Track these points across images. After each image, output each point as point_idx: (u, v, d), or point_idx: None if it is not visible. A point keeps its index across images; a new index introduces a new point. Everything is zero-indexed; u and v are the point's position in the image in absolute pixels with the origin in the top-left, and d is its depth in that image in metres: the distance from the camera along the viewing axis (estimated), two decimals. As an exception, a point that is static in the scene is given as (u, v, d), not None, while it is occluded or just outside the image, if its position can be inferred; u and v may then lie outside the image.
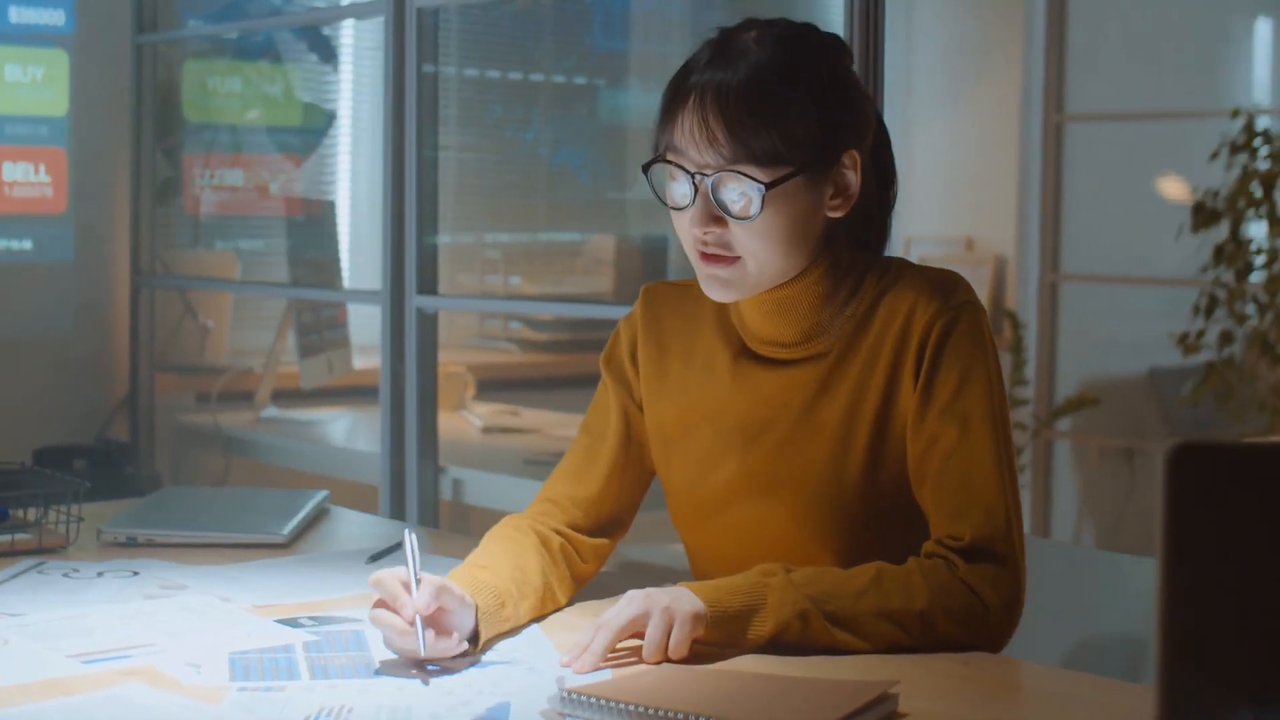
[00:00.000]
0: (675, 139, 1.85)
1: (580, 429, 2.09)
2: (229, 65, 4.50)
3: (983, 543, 1.79)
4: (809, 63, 1.84)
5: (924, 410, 1.85)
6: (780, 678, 1.61)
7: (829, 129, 1.84)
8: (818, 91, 1.84)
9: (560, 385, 5.19)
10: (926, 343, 1.86)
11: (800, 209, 1.85)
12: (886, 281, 1.92)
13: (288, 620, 1.89)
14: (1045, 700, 1.63)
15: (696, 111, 1.82)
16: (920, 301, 1.87)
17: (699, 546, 2.03)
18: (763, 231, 1.84)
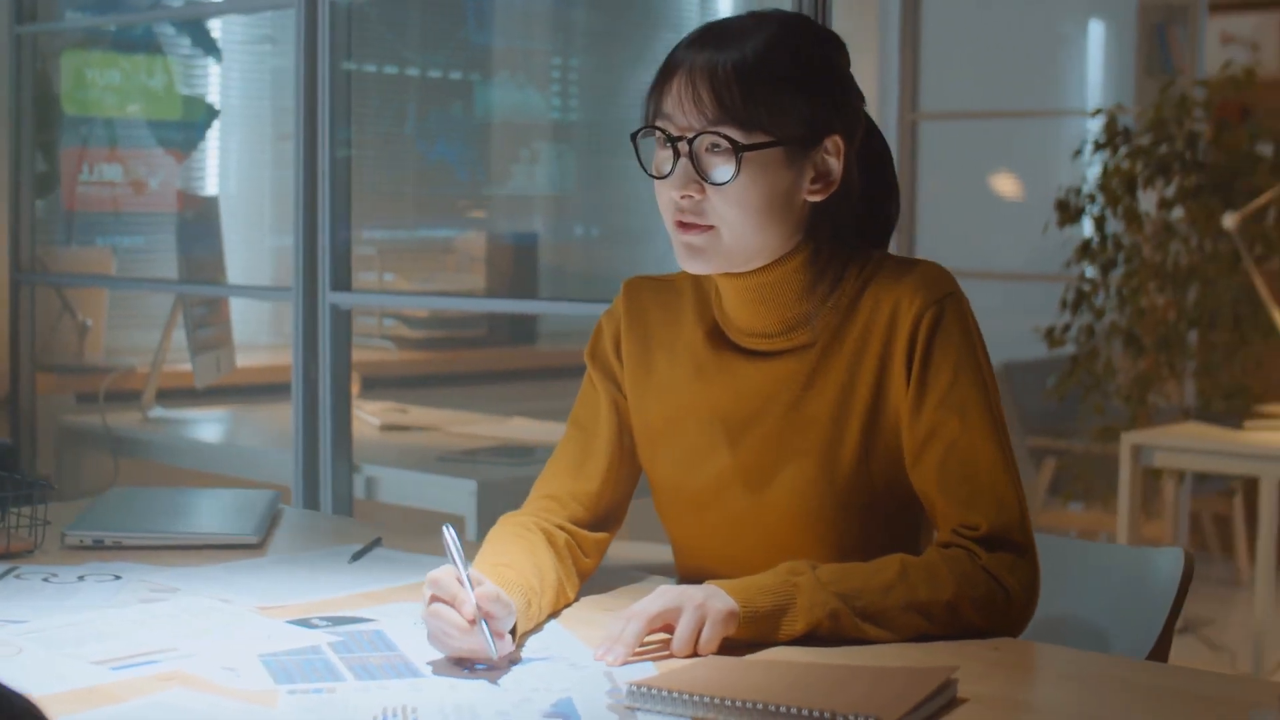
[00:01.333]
0: (664, 106, 1.88)
1: (570, 423, 2.09)
2: (108, 57, 4.39)
3: (1000, 531, 1.83)
4: (802, 46, 1.89)
5: (920, 402, 1.88)
6: (838, 666, 1.63)
7: (815, 110, 1.88)
8: (808, 73, 1.88)
9: (437, 382, 5.16)
10: (917, 335, 1.89)
11: (778, 184, 1.87)
12: (868, 273, 1.95)
13: (299, 621, 1.85)
14: (1089, 682, 1.67)
15: (686, 77, 1.86)
16: (906, 293, 1.90)
17: (686, 540, 2.04)
18: (738, 199, 1.86)
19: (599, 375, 2.07)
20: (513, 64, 5.61)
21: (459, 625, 1.65)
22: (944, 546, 1.84)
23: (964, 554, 1.82)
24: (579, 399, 2.09)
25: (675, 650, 1.69)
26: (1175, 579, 2.13)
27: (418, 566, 2.13)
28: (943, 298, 1.89)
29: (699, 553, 2.02)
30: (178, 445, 4.09)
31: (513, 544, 1.91)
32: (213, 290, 4.20)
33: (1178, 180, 5.31)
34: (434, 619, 1.67)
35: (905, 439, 1.90)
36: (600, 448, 2.04)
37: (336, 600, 1.96)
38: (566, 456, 2.06)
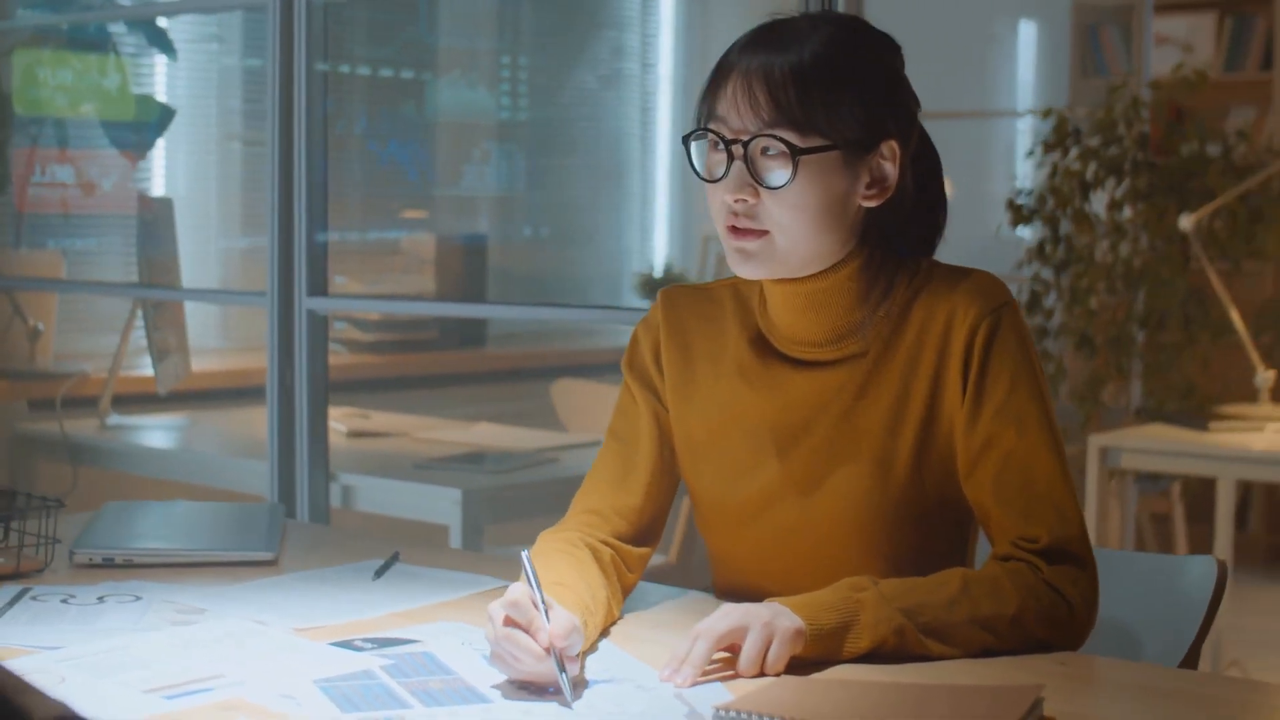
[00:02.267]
0: (718, 108, 1.85)
1: (608, 436, 2.04)
2: (59, 56, 4.28)
3: (1060, 544, 1.81)
4: (861, 49, 1.86)
5: (976, 412, 1.86)
6: (917, 686, 1.59)
7: (872, 114, 1.84)
8: (866, 77, 1.85)
9: (390, 386, 5.08)
10: (973, 344, 1.86)
11: (834, 189, 1.84)
12: (919, 281, 1.92)
13: (342, 643, 1.80)
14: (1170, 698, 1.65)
15: (744, 80, 1.82)
16: (961, 303, 1.88)
17: (729, 554, 2.00)
18: (794, 203, 1.82)
19: (638, 387, 2.02)
20: (463, 63, 5.55)
21: (534, 653, 1.60)
22: (1004, 559, 1.82)
23: (1026, 567, 1.79)
24: (617, 411, 2.05)
25: (741, 670, 1.65)
26: (1209, 588, 2.11)
27: (443, 583, 2.08)
28: (999, 307, 1.87)
29: (743, 567, 1.99)
30: (142, 453, 3.99)
31: (561, 561, 1.86)
32: (184, 296, 4.11)
33: (1129, 181, 5.33)
34: (507, 643, 1.62)
35: (960, 449, 1.87)
36: (642, 461, 2.00)
37: (373, 621, 1.90)
38: (607, 470, 2.01)
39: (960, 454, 1.87)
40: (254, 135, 5.29)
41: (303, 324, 3.30)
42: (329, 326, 3.39)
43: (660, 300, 2.05)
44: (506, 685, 1.64)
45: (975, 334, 1.86)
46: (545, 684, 1.63)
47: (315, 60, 3.29)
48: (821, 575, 1.88)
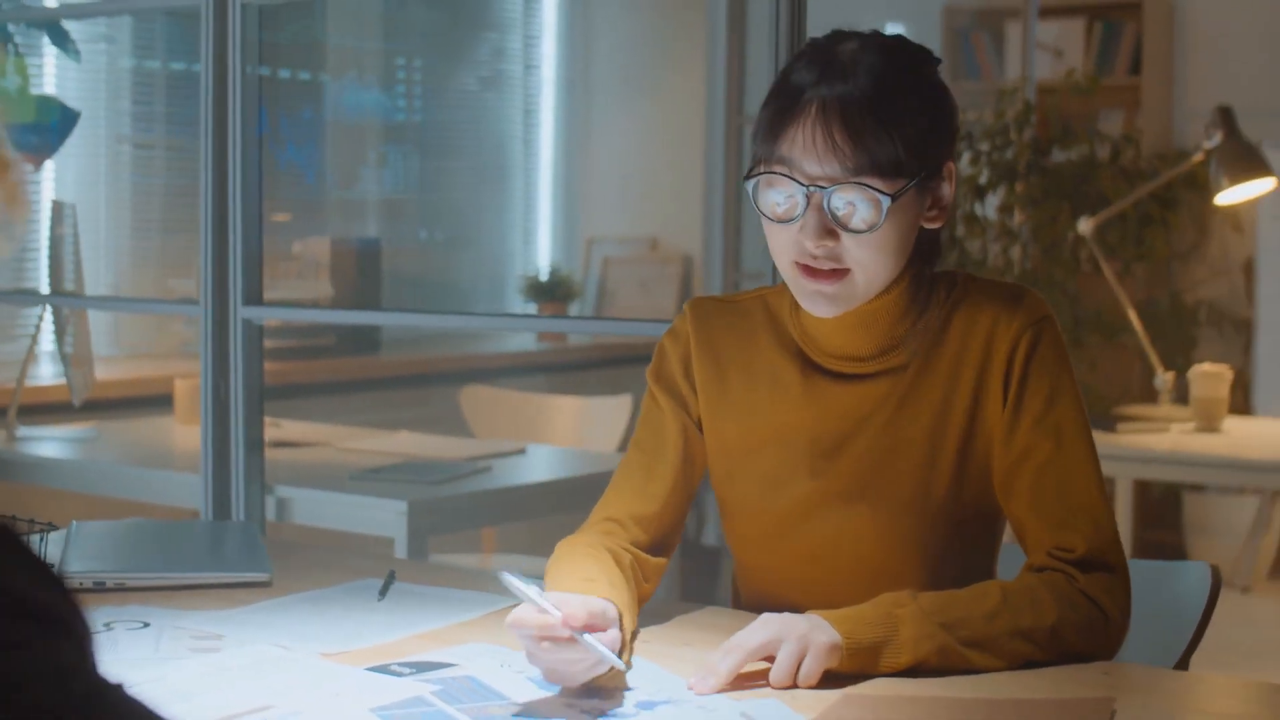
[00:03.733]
0: (786, 151, 1.81)
1: (632, 445, 2.02)
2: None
3: (1096, 554, 1.82)
4: (918, 72, 1.85)
5: (1015, 423, 1.87)
6: (991, 700, 1.60)
7: (937, 138, 1.84)
8: (929, 100, 1.84)
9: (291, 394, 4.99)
10: (1015, 357, 1.88)
11: (910, 220, 1.85)
12: (957, 294, 1.93)
13: (378, 668, 1.76)
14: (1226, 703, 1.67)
15: (818, 123, 1.79)
16: (1002, 316, 1.89)
17: (762, 565, 1.99)
18: (879, 244, 1.82)
19: (666, 398, 2.01)
20: (359, 64, 5.47)
21: (573, 658, 1.58)
22: (1039, 570, 1.83)
23: (1062, 578, 1.81)
24: (641, 421, 2.03)
25: (774, 682, 1.65)
26: (1204, 593, 2.15)
27: (452, 602, 2.05)
28: (1039, 320, 1.88)
29: (776, 579, 1.98)
30: (59, 466, 3.87)
31: (587, 561, 1.84)
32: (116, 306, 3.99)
33: (1022, 185, 5.42)
34: (542, 655, 1.60)
35: (997, 460, 1.88)
36: (664, 471, 1.98)
37: (398, 644, 1.86)
38: (630, 480, 1.99)
39: (997, 464, 1.88)
40: (143, 138, 5.18)
41: (238, 333, 3.23)
42: (261, 334, 3.31)
43: (689, 312, 2.03)
44: (566, 709, 1.61)
45: (1017, 346, 1.87)
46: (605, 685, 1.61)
47: (249, 64, 3.22)
48: (860, 586, 1.88)
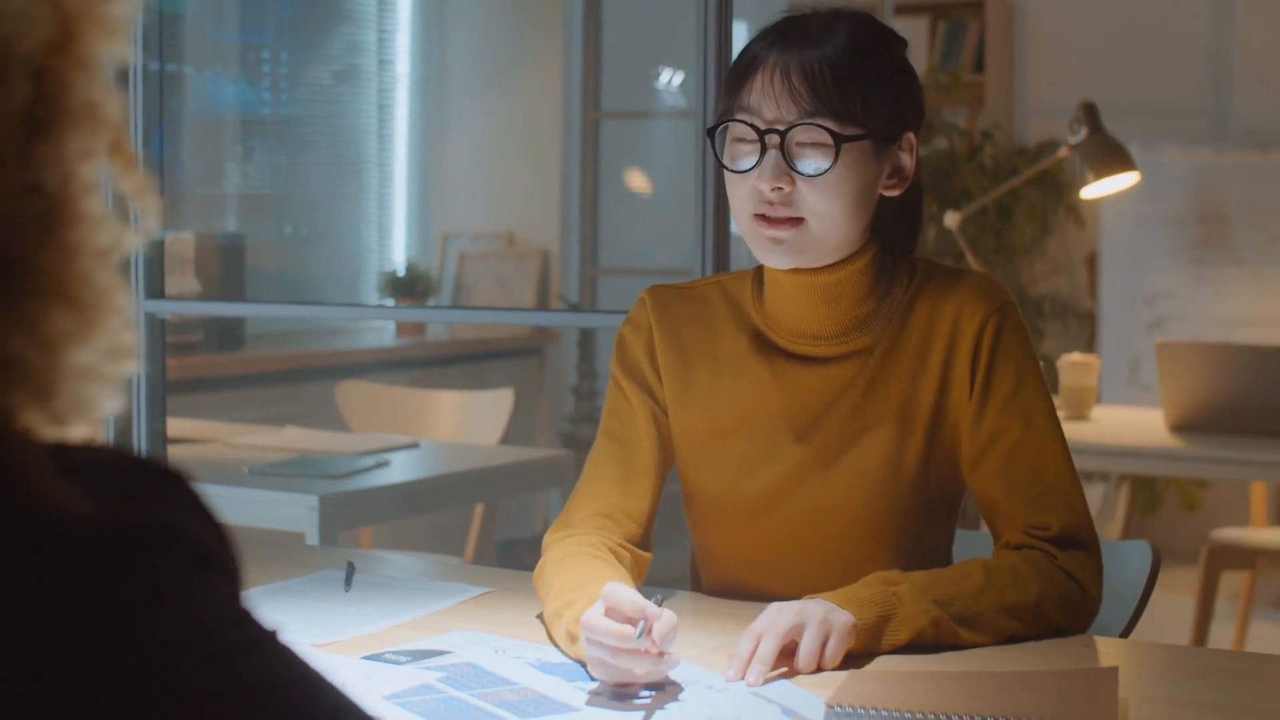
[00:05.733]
0: (748, 99, 1.88)
1: (603, 437, 2.03)
2: None
3: (1070, 531, 1.88)
4: (884, 44, 1.91)
5: (983, 407, 1.92)
6: (1001, 674, 1.64)
7: (897, 105, 1.90)
8: (891, 68, 1.90)
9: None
10: (981, 341, 1.92)
11: (865, 177, 1.89)
12: (920, 279, 1.97)
13: (374, 656, 1.75)
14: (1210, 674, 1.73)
15: (777, 71, 1.86)
16: (968, 301, 1.94)
17: (728, 551, 2.01)
18: (832, 190, 1.86)
19: (633, 388, 2.02)
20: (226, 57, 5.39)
21: (627, 638, 1.58)
22: (1016, 548, 1.88)
23: (1041, 555, 1.86)
24: (609, 412, 2.03)
25: (801, 665, 1.67)
26: (1144, 571, 2.22)
27: (421, 592, 2.04)
28: (1003, 305, 1.93)
29: (741, 563, 2.00)
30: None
31: (600, 567, 1.84)
32: None
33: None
34: (600, 635, 1.59)
35: (966, 443, 1.93)
36: (644, 463, 1.99)
37: (384, 633, 1.85)
38: (610, 472, 1.99)
39: (966, 447, 1.93)
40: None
41: (140, 327, 3.17)
42: (163, 329, 3.26)
43: (647, 300, 2.05)
44: (583, 694, 1.62)
45: (983, 331, 1.92)
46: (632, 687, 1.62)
47: (151, 59, 3.17)
48: (827, 570, 1.92)
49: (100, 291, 0.79)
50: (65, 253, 0.78)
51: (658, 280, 2.10)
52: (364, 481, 3.33)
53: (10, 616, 0.71)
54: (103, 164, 0.81)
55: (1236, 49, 6.34)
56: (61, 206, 0.79)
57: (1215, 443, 4.12)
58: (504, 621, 1.90)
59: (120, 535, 0.75)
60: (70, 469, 0.75)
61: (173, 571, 0.76)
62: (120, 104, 0.81)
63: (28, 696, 0.71)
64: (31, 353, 0.77)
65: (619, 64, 6.64)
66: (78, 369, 0.78)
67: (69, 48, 0.79)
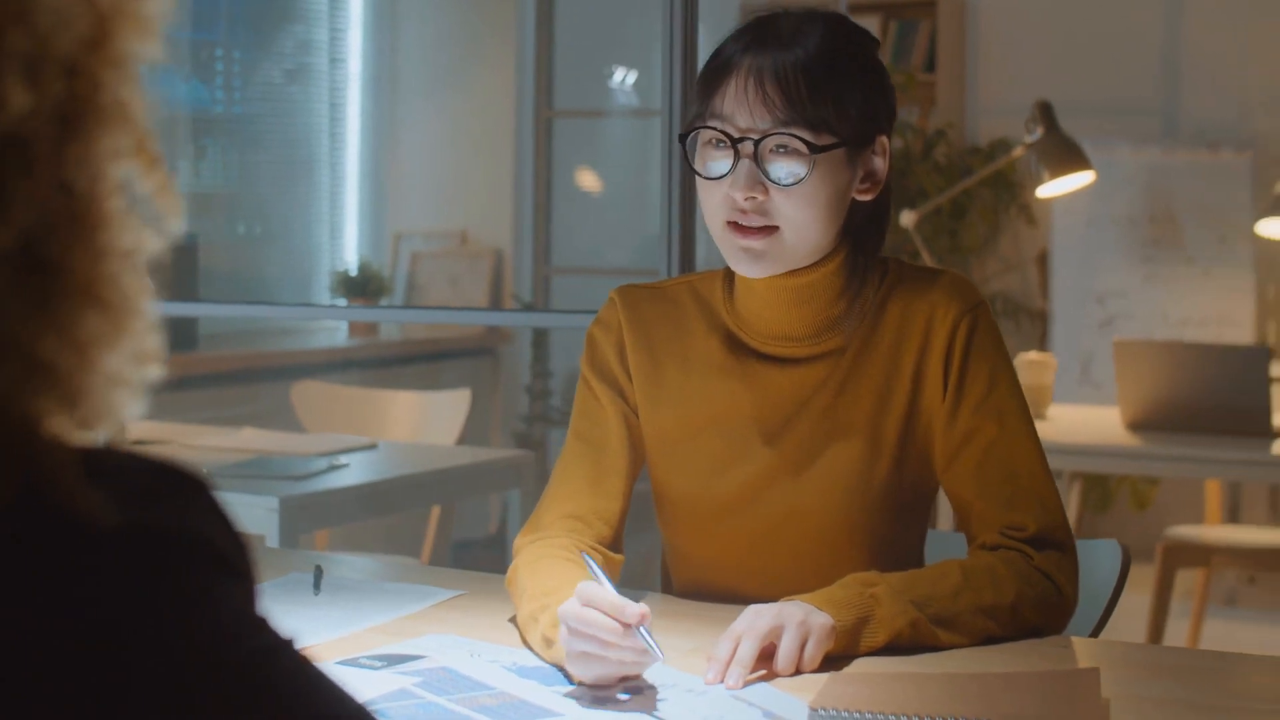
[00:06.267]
0: (720, 106, 1.86)
1: (573, 438, 2.01)
2: None
3: (1046, 532, 1.87)
4: (857, 45, 1.90)
5: (957, 407, 1.91)
6: (983, 675, 1.63)
7: (870, 109, 1.89)
8: (864, 72, 1.89)
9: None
10: (954, 342, 1.92)
11: (839, 184, 1.88)
12: (891, 279, 1.97)
13: (348, 662, 1.73)
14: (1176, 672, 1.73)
15: (751, 76, 1.83)
16: (941, 301, 1.93)
17: (701, 552, 2.00)
18: (807, 199, 1.85)
19: (603, 388, 2.00)
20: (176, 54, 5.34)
21: (616, 629, 1.56)
22: (991, 548, 1.87)
23: (1018, 555, 1.85)
24: (579, 412, 2.02)
25: (780, 668, 1.66)
26: (1114, 570, 2.22)
27: (393, 595, 2.02)
28: (975, 306, 1.93)
29: (713, 565, 1.99)
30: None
31: (572, 570, 1.82)
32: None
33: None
34: (591, 627, 1.57)
35: (939, 443, 1.92)
36: (616, 464, 1.98)
37: (357, 637, 1.83)
38: (580, 473, 1.98)
39: (939, 447, 1.92)
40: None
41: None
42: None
43: (617, 300, 2.03)
44: (562, 699, 1.61)
45: (956, 331, 1.91)
46: (613, 685, 1.60)
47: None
48: (800, 571, 1.91)
49: (127, 294, 0.78)
50: (95, 255, 0.77)
51: (610, 279, 2.09)
52: (324, 483, 3.30)
53: (39, 620, 0.72)
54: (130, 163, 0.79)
55: (1187, 48, 6.38)
56: (91, 207, 0.77)
57: (1171, 441, 4.14)
58: (478, 625, 1.88)
59: (146, 540, 0.75)
60: (96, 474, 0.75)
61: (197, 576, 0.76)
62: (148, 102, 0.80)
63: (54, 698, 0.71)
64: (63, 357, 0.76)
65: (572, 62, 6.63)
66: (107, 373, 0.77)
67: (103, 46, 0.77)
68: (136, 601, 0.74)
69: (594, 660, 1.58)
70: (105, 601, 0.73)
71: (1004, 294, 6.40)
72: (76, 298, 0.76)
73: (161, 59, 0.79)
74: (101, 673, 0.72)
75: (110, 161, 0.78)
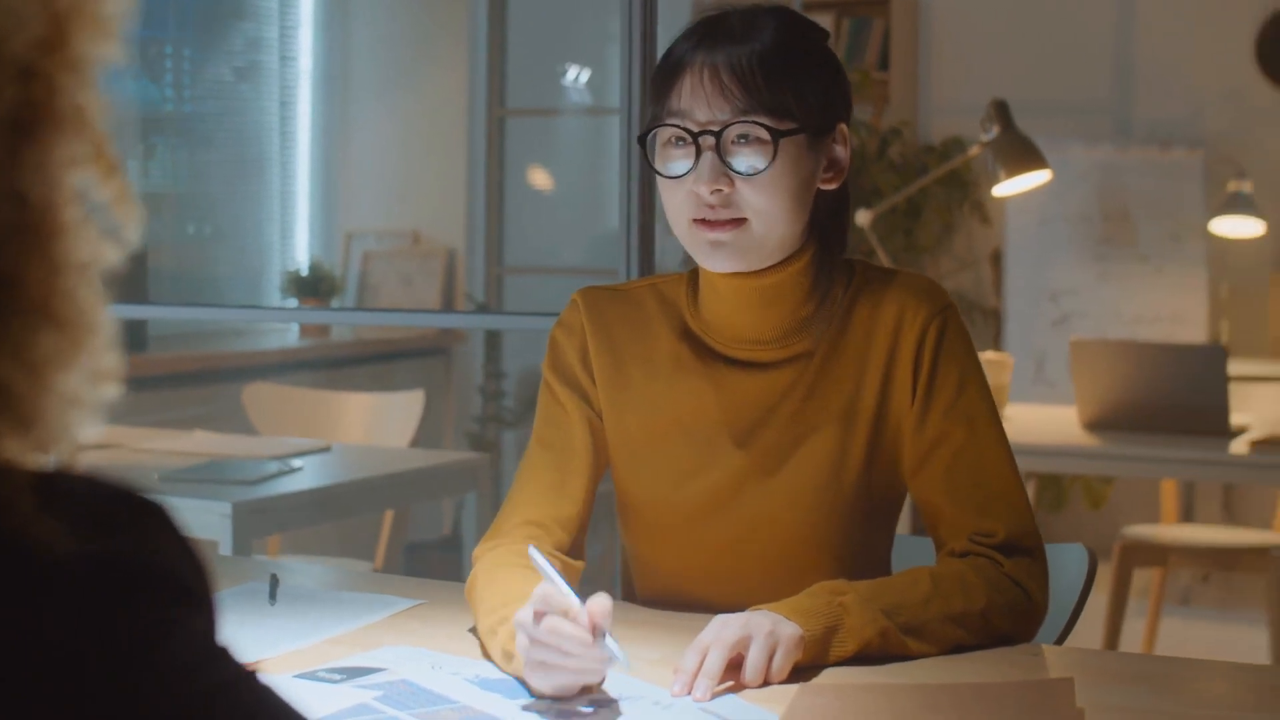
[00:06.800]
0: (677, 103, 1.83)
1: (535, 443, 1.97)
2: None
3: (1016, 538, 1.85)
4: (810, 36, 1.89)
5: (926, 411, 1.89)
6: (956, 686, 1.60)
7: (828, 96, 1.87)
8: (819, 61, 1.88)
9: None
10: (923, 345, 1.90)
11: (804, 172, 1.86)
12: (857, 281, 1.94)
13: (306, 675, 1.69)
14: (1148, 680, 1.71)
15: (706, 72, 1.81)
16: (909, 304, 1.91)
17: (666, 559, 1.97)
18: (773, 188, 1.83)
19: (567, 392, 1.97)
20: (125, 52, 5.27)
21: (581, 639, 1.52)
22: (961, 555, 1.85)
23: (987, 562, 1.83)
24: (542, 417, 1.98)
25: (748, 679, 1.63)
26: (1080, 575, 2.20)
27: (350, 605, 1.98)
28: (944, 309, 1.91)
29: (679, 572, 1.96)
30: None
31: (531, 578, 1.78)
32: None
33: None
34: (552, 636, 1.53)
35: (908, 447, 1.90)
36: (579, 468, 1.94)
37: (315, 649, 1.79)
38: (543, 478, 1.94)
39: (908, 452, 1.90)
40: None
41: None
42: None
43: (579, 302, 2.00)
44: (523, 711, 1.57)
45: (925, 335, 1.89)
46: (573, 696, 1.57)
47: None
48: (771, 577, 1.89)
49: (84, 310, 0.75)
50: (51, 269, 0.73)
51: (563, 278, 2.07)
52: (277, 487, 3.25)
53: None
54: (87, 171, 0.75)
55: (1139, 47, 6.39)
56: (46, 217, 0.73)
57: (1128, 440, 4.13)
58: (438, 635, 1.85)
59: (103, 573, 0.72)
60: (51, 499, 0.71)
61: (156, 609, 0.73)
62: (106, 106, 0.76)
63: None
64: (17, 378, 0.72)
65: (524, 61, 6.59)
66: (62, 394, 0.73)
67: (60, 48, 0.74)
68: (95, 635, 0.71)
69: (554, 669, 1.55)
70: (63, 635, 0.70)
71: (958, 293, 6.39)
72: (31, 315, 0.72)
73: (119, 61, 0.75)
74: (60, 708, 0.69)
75: (67, 169, 0.74)
